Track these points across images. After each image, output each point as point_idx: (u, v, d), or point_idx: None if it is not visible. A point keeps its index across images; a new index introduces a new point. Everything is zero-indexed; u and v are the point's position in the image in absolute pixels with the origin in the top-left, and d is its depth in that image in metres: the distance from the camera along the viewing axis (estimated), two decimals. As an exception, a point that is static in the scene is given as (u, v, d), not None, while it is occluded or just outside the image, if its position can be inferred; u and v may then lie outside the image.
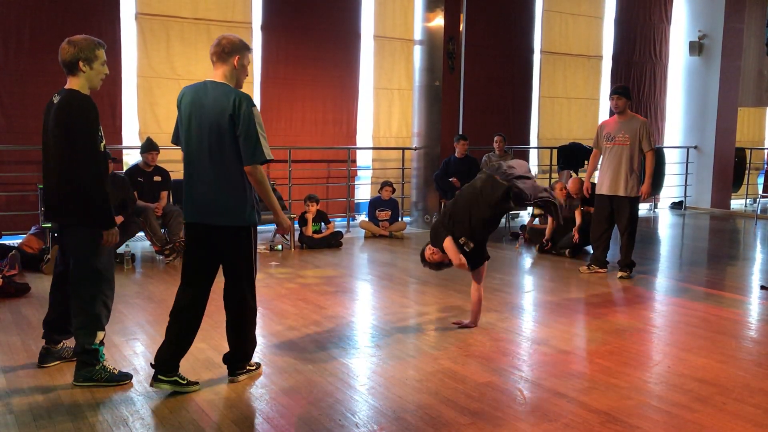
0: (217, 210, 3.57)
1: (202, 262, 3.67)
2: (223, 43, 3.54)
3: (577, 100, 12.38)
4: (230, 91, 3.51)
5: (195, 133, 3.54)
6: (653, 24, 13.09)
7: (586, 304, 5.74)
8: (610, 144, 6.58)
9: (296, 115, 9.63)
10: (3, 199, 7.78)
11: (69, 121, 3.55)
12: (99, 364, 3.72)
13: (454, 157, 9.28)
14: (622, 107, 6.56)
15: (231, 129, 3.46)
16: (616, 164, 6.51)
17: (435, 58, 9.76)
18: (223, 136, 3.47)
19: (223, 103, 3.45)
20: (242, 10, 9.14)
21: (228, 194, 3.55)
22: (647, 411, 3.49)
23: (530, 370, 4.09)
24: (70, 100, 3.59)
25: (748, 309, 5.69)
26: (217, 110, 3.46)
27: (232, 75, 3.57)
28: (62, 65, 3.65)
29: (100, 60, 3.67)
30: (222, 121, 3.45)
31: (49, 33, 7.78)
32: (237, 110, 3.44)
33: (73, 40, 3.63)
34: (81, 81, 3.65)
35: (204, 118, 3.50)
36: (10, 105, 7.76)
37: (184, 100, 3.60)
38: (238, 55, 3.55)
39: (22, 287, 5.70)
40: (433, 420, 3.33)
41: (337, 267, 7.16)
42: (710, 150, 12.97)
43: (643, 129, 6.49)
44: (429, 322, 5.08)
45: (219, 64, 3.55)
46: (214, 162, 3.52)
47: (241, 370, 3.83)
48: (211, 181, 3.54)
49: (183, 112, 3.60)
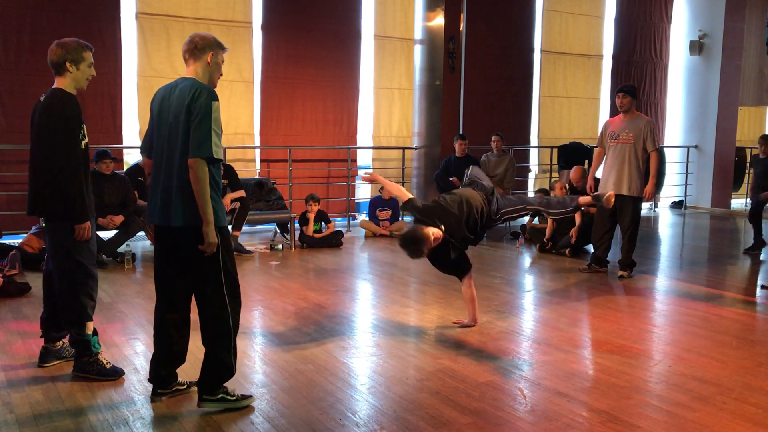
0: (172, 210, 3.31)
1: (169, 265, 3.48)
2: (195, 39, 3.41)
3: (577, 100, 12.39)
4: (195, 83, 3.32)
5: (159, 131, 3.40)
6: (653, 23, 13.09)
7: (586, 303, 5.74)
8: (614, 142, 6.54)
9: (297, 114, 9.63)
10: (3, 199, 7.78)
11: (51, 117, 3.67)
12: (92, 355, 3.80)
13: (455, 156, 9.28)
14: (627, 106, 6.51)
15: (187, 119, 3.24)
16: (620, 163, 6.47)
17: (435, 57, 9.76)
18: (178, 127, 3.28)
19: (185, 95, 3.27)
20: (242, 10, 9.14)
21: (186, 193, 3.27)
22: (648, 410, 3.49)
23: (531, 369, 4.09)
24: (54, 98, 3.72)
25: (749, 308, 5.69)
26: (179, 103, 3.28)
27: (205, 72, 3.40)
28: (50, 65, 3.77)
29: (87, 62, 3.78)
30: (180, 112, 3.26)
31: (50, 33, 7.77)
32: (194, 101, 3.23)
33: (61, 42, 3.75)
34: (67, 81, 3.76)
35: (168, 114, 3.34)
36: (11, 104, 7.77)
37: (154, 99, 3.49)
38: (212, 52, 3.39)
39: (22, 287, 5.70)
40: (433, 419, 3.33)
41: (338, 266, 7.17)
42: (710, 149, 12.97)
43: (647, 129, 6.45)
44: (429, 322, 5.08)
45: (191, 61, 3.41)
46: (173, 158, 3.30)
47: (210, 396, 3.41)
48: (170, 178, 3.32)
49: (153, 109, 3.47)
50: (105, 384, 3.73)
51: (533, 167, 12.13)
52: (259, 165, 9.55)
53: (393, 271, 6.96)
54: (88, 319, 3.80)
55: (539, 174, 12.10)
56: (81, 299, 3.77)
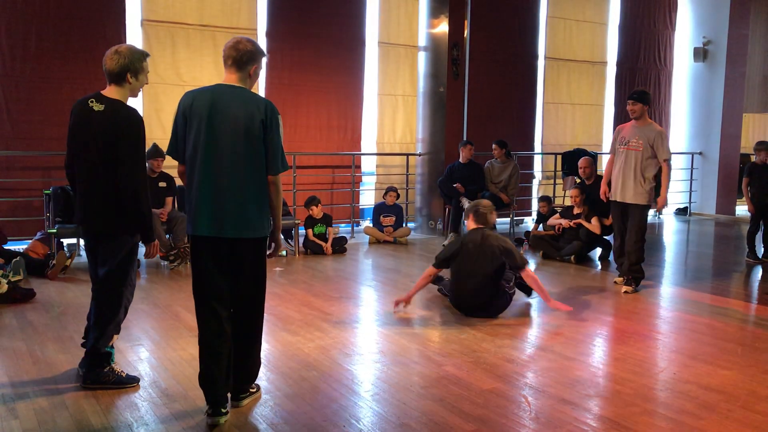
0: (242, 221, 3.32)
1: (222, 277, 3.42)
2: (241, 48, 3.33)
3: (581, 106, 12.39)
4: (257, 96, 3.37)
5: (216, 139, 3.27)
6: (658, 30, 13.10)
7: (590, 310, 5.72)
8: (624, 148, 6.41)
9: (301, 121, 9.65)
10: (8, 205, 7.81)
11: (121, 132, 3.57)
12: (108, 366, 3.79)
13: (459, 162, 9.28)
14: (639, 112, 6.36)
15: (261, 135, 3.29)
16: (627, 170, 6.36)
17: (439, 64, 9.78)
18: (251, 142, 3.28)
19: (253, 108, 3.27)
20: (247, 17, 9.18)
21: (255, 204, 3.34)
22: (653, 418, 3.47)
23: (535, 376, 4.08)
24: (120, 111, 3.61)
25: (754, 316, 5.66)
26: (247, 115, 3.26)
27: (245, 83, 3.39)
28: (107, 74, 3.64)
29: (146, 71, 3.71)
30: (252, 126, 3.26)
31: (55, 40, 7.83)
32: (269, 117, 3.29)
33: (121, 50, 3.62)
34: (125, 91, 3.68)
35: (229, 123, 3.26)
36: (17, 111, 7.80)
37: (195, 104, 3.30)
38: (255, 65, 3.38)
39: (27, 293, 5.71)
40: (437, 426, 3.32)
41: (342, 273, 7.16)
42: (715, 156, 12.96)
43: (658, 138, 6.30)
44: (433, 329, 5.07)
45: (234, 69, 3.35)
46: (240, 169, 3.29)
47: (245, 394, 3.60)
48: (236, 191, 3.30)
49: (197, 117, 3.29)
50: (109, 391, 3.72)
51: (537, 173, 12.12)
52: (263, 171, 9.54)
53: (397, 277, 6.96)
54: (118, 332, 3.85)
55: (543, 180, 12.09)
56: (120, 314, 3.80)
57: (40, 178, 7.78)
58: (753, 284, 7.19)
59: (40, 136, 7.85)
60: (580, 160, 8.44)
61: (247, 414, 3.48)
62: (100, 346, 3.75)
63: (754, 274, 7.55)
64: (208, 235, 3.33)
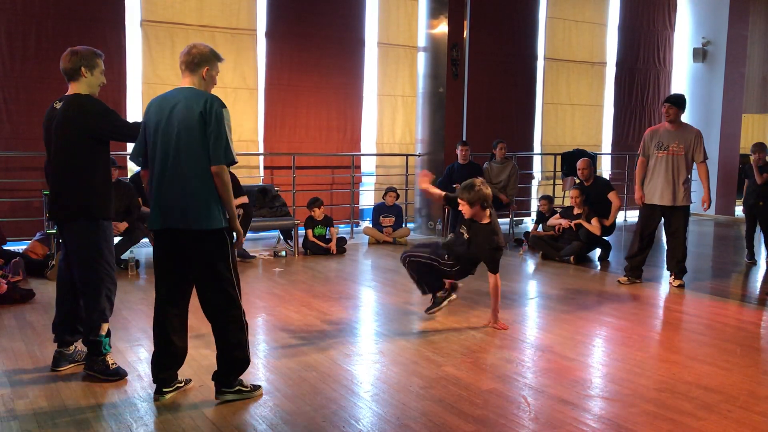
0: (186, 213, 3.42)
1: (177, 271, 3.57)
2: (193, 52, 3.51)
3: (580, 107, 12.39)
4: (201, 92, 3.47)
5: (163, 137, 3.44)
6: (657, 30, 13.11)
7: (590, 311, 5.72)
8: (663, 153, 6.47)
9: (300, 121, 9.66)
10: (8, 205, 7.81)
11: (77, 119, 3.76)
12: (102, 355, 3.89)
13: (458, 163, 9.29)
14: (674, 116, 6.46)
15: (201, 127, 3.38)
16: (671, 174, 6.45)
17: (439, 64, 9.78)
18: (191, 133, 3.38)
19: (194, 103, 3.40)
20: (247, 17, 9.18)
21: (199, 196, 3.41)
22: (652, 418, 3.47)
23: (534, 377, 4.08)
24: (73, 102, 3.80)
25: (753, 316, 5.67)
26: (188, 109, 3.39)
27: (200, 85, 3.52)
28: (64, 72, 3.86)
29: (100, 68, 3.91)
30: (192, 119, 3.38)
31: (55, 40, 7.83)
32: (208, 109, 3.37)
33: (75, 49, 3.86)
34: (83, 86, 3.86)
35: (174, 119, 3.41)
36: (16, 111, 7.80)
37: (150, 110, 3.54)
38: (207, 66, 3.51)
39: (26, 293, 5.71)
40: (437, 427, 3.32)
41: (341, 273, 7.16)
42: (714, 157, 12.94)
43: (697, 140, 6.47)
44: (433, 329, 5.07)
45: (188, 73, 3.52)
46: (181, 162, 3.41)
47: (229, 388, 3.61)
48: (183, 183, 3.42)
49: (151, 119, 3.50)
50: (109, 390, 3.73)
51: (536, 174, 12.13)
52: (262, 172, 9.57)
53: (396, 278, 6.96)
54: (105, 321, 3.91)
55: (542, 181, 12.10)
56: (102, 303, 3.88)
57: (39, 179, 7.76)
58: (753, 285, 7.19)
59: (40, 136, 7.65)
60: (578, 162, 8.45)
61: (247, 414, 3.48)
62: (90, 335, 3.89)
63: (754, 275, 7.56)
64: (158, 228, 3.52)
